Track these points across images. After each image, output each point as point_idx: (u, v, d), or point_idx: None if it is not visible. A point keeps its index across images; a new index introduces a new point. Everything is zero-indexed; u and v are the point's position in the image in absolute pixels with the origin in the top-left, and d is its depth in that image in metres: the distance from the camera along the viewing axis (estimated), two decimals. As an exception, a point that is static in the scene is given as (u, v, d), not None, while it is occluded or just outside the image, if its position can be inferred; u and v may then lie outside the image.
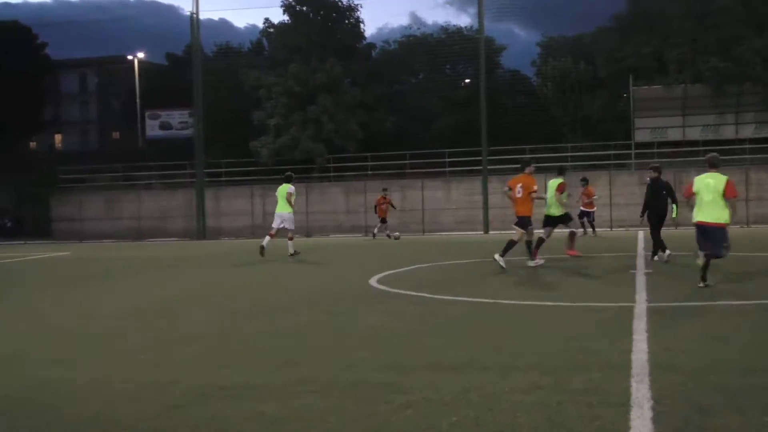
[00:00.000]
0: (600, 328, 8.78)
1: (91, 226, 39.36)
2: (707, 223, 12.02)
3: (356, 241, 29.60)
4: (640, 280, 13.16)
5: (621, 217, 32.51)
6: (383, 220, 30.56)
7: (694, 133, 38.20)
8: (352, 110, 41.96)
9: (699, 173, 12.62)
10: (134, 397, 6.43)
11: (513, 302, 11.08)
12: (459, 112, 44.20)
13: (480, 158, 35.17)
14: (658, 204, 16.66)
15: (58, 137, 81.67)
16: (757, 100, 37.72)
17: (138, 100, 59.55)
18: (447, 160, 37.78)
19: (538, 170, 35.26)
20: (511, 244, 16.28)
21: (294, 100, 41.34)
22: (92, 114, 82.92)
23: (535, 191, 16.29)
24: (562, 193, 17.76)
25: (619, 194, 32.74)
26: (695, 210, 12.23)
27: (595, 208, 27.72)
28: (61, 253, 28.40)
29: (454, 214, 35.11)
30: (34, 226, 40.94)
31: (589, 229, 27.47)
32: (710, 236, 11.94)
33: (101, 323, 10.60)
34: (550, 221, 17.95)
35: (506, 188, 16.88)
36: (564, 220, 17.88)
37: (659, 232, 16.64)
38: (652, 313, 9.63)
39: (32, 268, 22.52)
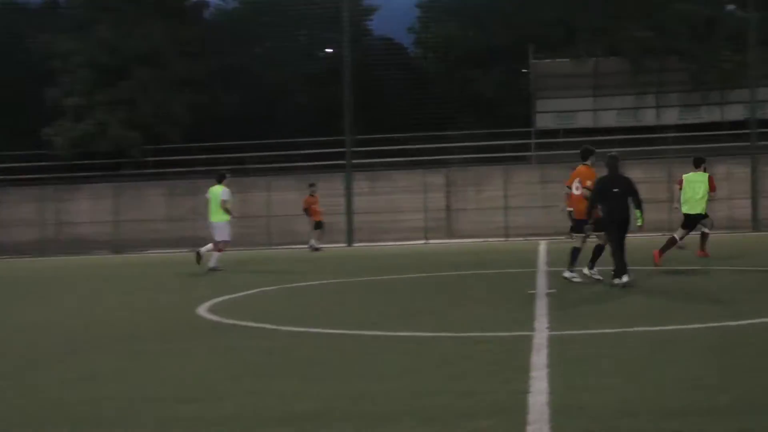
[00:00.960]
0: (490, 364, 9.00)
1: None
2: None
3: (181, 258, 29.19)
4: (541, 303, 13.52)
5: (518, 224, 33.02)
6: (318, 225, 30.71)
7: (609, 119, 39.35)
8: (178, 88, 41.49)
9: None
10: None
11: (383, 333, 11.22)
12: (317, 90, 44.34)
13: (344, 149, 35.30)
14: (617, 207, 15.66)
15: None
16: (683, 78, 39.04)
17: None
18: (301, 152, 37.72)
19: (415, 164, 35.81)
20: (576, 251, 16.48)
21: (101, 73, 40.55)
22: None
23: (588, 186, 16.18)
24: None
25: (517, 194, 33.26)
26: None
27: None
28: None
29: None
30: None
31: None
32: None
33: None
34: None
35: (572, 189, 16.86)
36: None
37: (622, 247, 15.67)
38: (554, 343, 9.93)
39: None
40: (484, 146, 37.69)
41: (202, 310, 14.33)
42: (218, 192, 22.16)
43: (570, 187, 17.02)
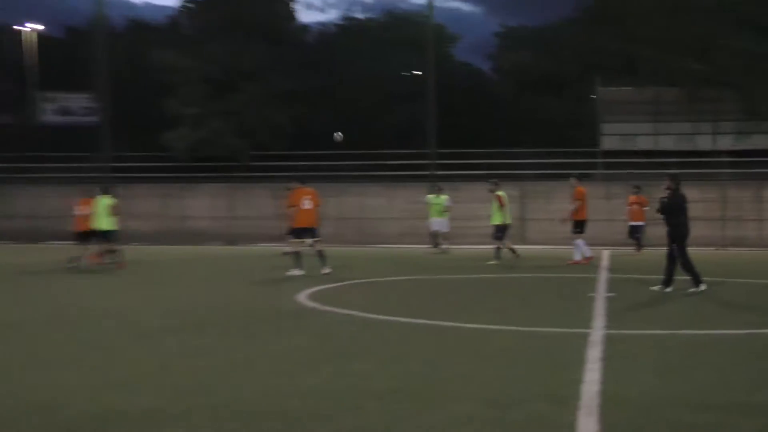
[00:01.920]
0: (549, 356, 9.05)
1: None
2: None
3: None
4: (600, 305, 13.48)
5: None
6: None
7: (667, 143, 38.84)
8: (282, 102, 41.86)
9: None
10: (22, 420, 6.48)
11: (454, 324, 11.30)
12: (404, 108, 44.37)
13: (427, 161, 35.36)
14: (681, 222, 15.61)
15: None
16: (736, 108, 38.41)
17: (27, 80, 58.44)
18: (389, 162, 37.84)
19: (491, 177, 35.56)
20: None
21: (214, 88, 41.09)
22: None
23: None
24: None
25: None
26: None
27: (645, 221, 26.52)
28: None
29: (398, 225, 35.23)
30: None
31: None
32: None
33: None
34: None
35: None
36: None
37: (688, 257, 15.44)
38: (608, 340, 9.93)
39: None
40: (555, 163, 37.45)
41: (302, 298, 14.57)
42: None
43: None
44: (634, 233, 26.84)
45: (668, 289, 15.30)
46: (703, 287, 15.27)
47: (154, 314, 12.71)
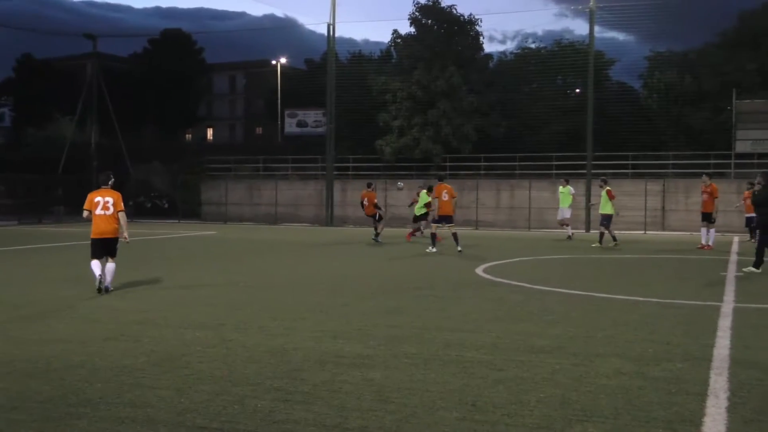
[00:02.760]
0: (686, 324, 8.58)
1: (234, 209, 40.65)
2: None
3: (465, 234, 29.46)
4: (731, 282, 12.71)
5: (717, 223, 31.07)
6: (376, 217, 24.09)
7: (795, 147, 36.38)
8: (469, 115, 41.72)
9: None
10: (261, 359, 6.72)
11: (604, 296, 10.92)
12: (567, 119, 43.34)
13: (585, 162, 34.51)
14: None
15: (209, 131, 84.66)
16: None
17: (279, 101, 60.98)
18: (554, 163, 37.13)
19: (638, 176, 34.27)
20: None
21: (416, 104, 41.50)
22: (239, 111, 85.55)
23: None
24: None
25: (718, 201, 31.31)
26: None
27: None
28: (209, 232, 29.50)
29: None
30: (186, 208, 42.54)
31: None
32: None
33: (236, 294, 11.05)
34: None
35: None
36: None
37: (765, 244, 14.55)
38: (737, 313, 9.33)
39: (186, 244, 23.50)
40: (693, 164, 35.82)
41: (480, 270, 14.48)
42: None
43: None
44: (749, 223, 25.09)
45: (758, 270, 14.19)
46: (757, 270, 14.13)
47: (361, 283, 12.93)
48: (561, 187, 26.82)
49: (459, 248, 18.99)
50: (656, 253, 19.87)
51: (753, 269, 14.25)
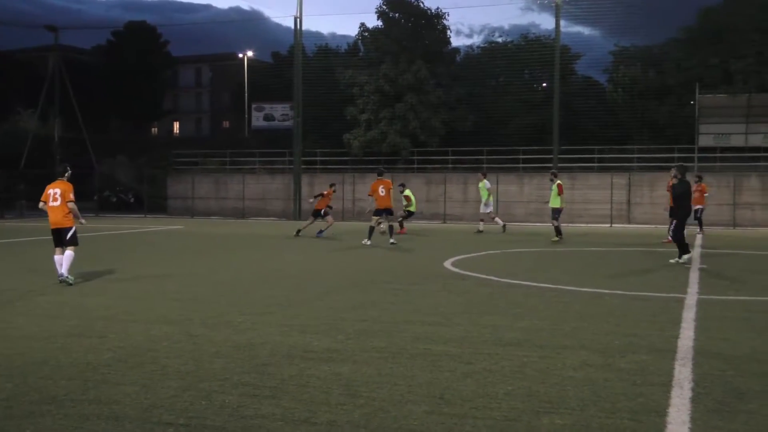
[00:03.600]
0: (650, 316, 8.68)
1: (201, 204, 40.32)
2: None
3: (432, 228, 29.60)
4: (694, 275, 12.89)
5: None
6: (317, 213, 23.36)
7: (757, 140, 36.85)
8: (436, 109, 41.82)
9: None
10: (229, 354, 6.68)
11: (571, 288, 11.01)
12: (534, 113, 43.65)
13: (551, 156, 34.77)
14: (688, 204, 15.36)
15: (176, 124, 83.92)
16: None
17: (246, 94, 60.67)
18: (521, 156, 37.35)
19: (604, 170, 34.73)
20: None
21: (384, 97, 41.50)
22: (205, 105, 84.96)
23: None
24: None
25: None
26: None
27: (705, 205, 25.11)
28: (175, 227, 29.26)
29: (526, 207, 34.70)
30: (152, 202, 42.14)
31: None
32: None
33: (201, 289, 10.97)
34: None
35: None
36: None
37: (682, 233, 15.12)
38: (701, 305, 9.46)
39: (152, 238, 23.27)
40: (658, 158, 36.24)
41: (447, 264, 14.53)
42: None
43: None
44: (696, 215, 25.34)
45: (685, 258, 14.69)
46: (684, 258, 14.63)
47: (328, 277, 12.91)
48: (479, 183, 26.85)
49: (392, 240, 19.71)
50: (622, 246, 20.09)
51: (679, 260, 14.61)
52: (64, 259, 11.48)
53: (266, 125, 50.44)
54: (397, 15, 43.34)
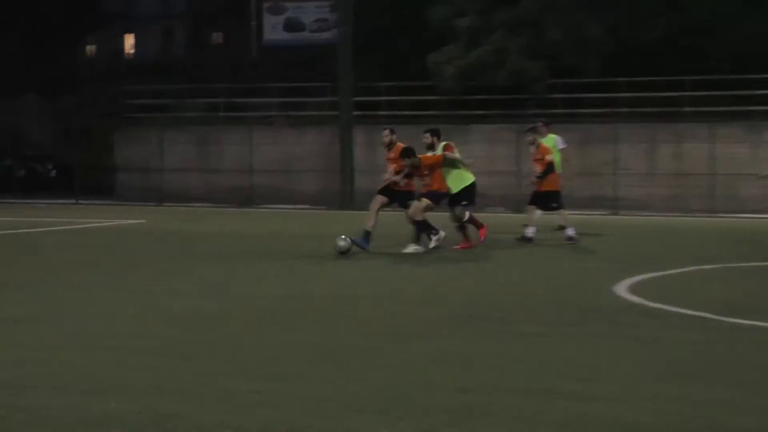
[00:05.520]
0: None
1: (174, 179, 39.94)
2: None
3: (593, 221, 29.32)
4: None
5: None
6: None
7: None
8: (596, 5, 41.53)
9: None
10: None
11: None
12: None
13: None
14: None
15: (127, 39, 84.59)
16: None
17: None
18: (756, 92, 36.58)
19: None
20: None
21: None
22: (180, 6, 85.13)
23: None
24: None
25: None
26: None
27: None
28: (129, 221, 29.61)
29: (763, 187, 33.84)
30: (89, 178, 42.32)
31: None
32: None
33: (173, 332, 11.06)
34: None
35: None
36: None
37: None
38: None
39: (84, 242, 23.61)
40: None
41: (622, 288, 14.39)
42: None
43: None
44: None
45: None
46: None
47: (409, 306, 12.93)
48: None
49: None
50: None
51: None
52: None
53: (289, 39, 50.85)
54: None
